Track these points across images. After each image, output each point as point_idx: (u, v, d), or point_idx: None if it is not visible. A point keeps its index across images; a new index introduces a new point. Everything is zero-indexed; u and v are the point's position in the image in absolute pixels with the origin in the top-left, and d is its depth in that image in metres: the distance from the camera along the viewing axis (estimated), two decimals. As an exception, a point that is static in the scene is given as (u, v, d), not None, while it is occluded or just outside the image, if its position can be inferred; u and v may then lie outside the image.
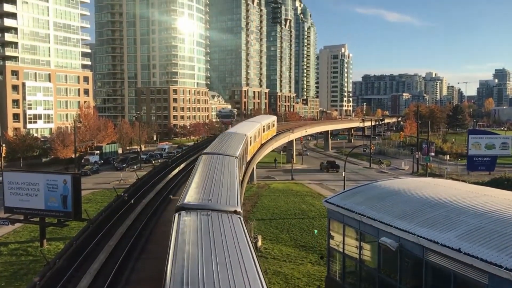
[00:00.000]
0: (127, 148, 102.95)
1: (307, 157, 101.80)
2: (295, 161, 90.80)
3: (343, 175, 55.38)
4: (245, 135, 39.58)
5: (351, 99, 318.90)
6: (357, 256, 21.21)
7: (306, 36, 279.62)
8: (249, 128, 44.87)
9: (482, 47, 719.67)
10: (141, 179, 39.20)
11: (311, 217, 46.26)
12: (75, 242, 21.64)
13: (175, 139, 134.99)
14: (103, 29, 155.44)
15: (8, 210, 33.90)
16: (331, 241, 23.83)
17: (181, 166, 49.45)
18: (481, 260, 13.69)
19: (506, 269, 12.88)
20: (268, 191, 60.76)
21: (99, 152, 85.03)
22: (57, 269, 18.25)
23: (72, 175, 33.89)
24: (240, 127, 46.49)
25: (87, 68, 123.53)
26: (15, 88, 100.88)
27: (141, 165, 79.44)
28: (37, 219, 34.21)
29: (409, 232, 17.00)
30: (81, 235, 22.88)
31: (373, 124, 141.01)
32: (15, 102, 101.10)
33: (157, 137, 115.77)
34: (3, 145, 76.01)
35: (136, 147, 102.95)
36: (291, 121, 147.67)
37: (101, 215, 26.94)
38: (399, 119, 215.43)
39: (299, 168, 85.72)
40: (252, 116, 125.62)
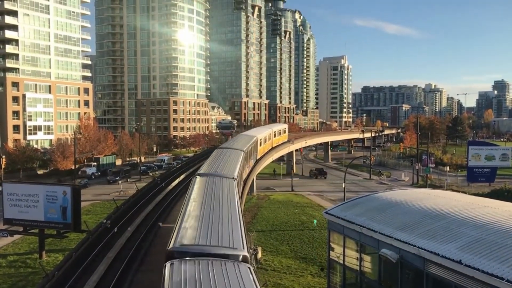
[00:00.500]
0: (127, 159, 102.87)
1: (306, 167, 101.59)
2: (295, 172, 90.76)
3: (343, 186, 55.33)
4: (256, 136, 48.58)
5: (350, 110, 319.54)
6: (357, 268, 21.12)
7: (305, 48, 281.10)
8: (262, 136, 54.67)
9: (481, 59, 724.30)
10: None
11: (311, 228, 46.09)
12: (74, 254, 21.56)
13: (175, 150, 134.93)
14: (103, 40, 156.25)
15: (7, 221, 33.80)
16: (331, 252, 23.73)
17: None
18: (482, 272, 13.64)
19: (508, 281, 12.83)
20: (268, 202, 60.62)
21: (96, 164, 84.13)
22: (56, 281, 18.17)
23: (72, 186, 33.85)
24: (253, 131, 55.07)
25: (87, 80, 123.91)
26: (15, 99, 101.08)
27: (141, 177, 79.17)
28: (36, 231, 34.07)
29: (409, 244, 16.95)
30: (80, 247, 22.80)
31: (373, 135, 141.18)
32: (15, 113, 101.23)
33: (157, 149, 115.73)
34: (3, 156, 76.01)
35: (135, 158, 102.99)
36: (291, 132, 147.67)
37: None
38: (399, 130, 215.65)
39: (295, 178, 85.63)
40: (252, 127, 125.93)
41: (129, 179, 75.70)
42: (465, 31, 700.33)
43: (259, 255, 34.11)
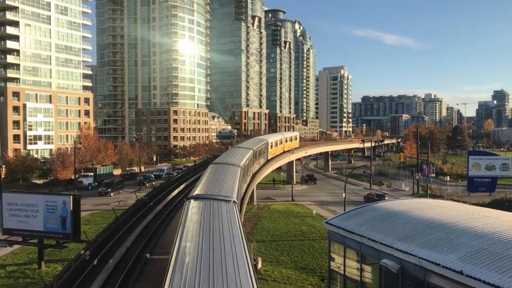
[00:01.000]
0: (127, 169, 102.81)
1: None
2: (295, 182, 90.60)
3: (344, 196, 55.24)
4: (268, 142, 56.55)
5: (350, 120, 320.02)
6: (358, 278, 21.00)
7: (305, 58, 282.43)
8: (273, 139, 66.65)
9: (480, 69, 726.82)
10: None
11: (311, 238, 45.92)
12: (73, 264, 21.47)
13: (175, 160, 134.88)
14: (104, 51, 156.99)
15: (7, 231, 33.68)
16: (331, 263, 23.61)
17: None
18: (484, 282, 13.57)
19: (509, 291, 12.76)
20: (268, 212, 60.43)
21: (92, 174, 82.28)
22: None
23: (72, 196, 33.77)
24: (267, 136, 66.38)
25: (88, 90, 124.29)
26: (16, 109, 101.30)
27: (140, 187, 78.95)
28: (35, 241, 33.95)
29: (410, 254, 16.88)
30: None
31: (373, 145, 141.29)
32: (16, 123, 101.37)
33: (157, 158, 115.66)
34: (3, 166, 75.97)
35: (134, 168, 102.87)
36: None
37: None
38: (399, 140, 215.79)
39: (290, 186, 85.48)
40: (252, 136, 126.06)
41: (121, 191, 72.57)
42: (463, 41, 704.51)
43: (259, 265, 34.02)
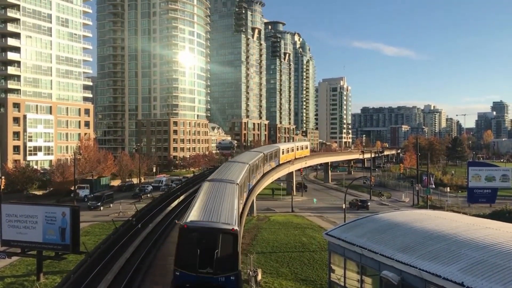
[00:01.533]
0: (127, 180, 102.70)
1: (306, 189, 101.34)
2: (295, 193, 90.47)
3: (344, 207, 55.14)
4: (278, 147, 73.77)
5: (350, 131, 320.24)
6: (358, 290, 20.87)
7: (305, 69, 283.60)
8: (284, 146, 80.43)
9: (479, 80, 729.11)
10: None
11: (311, 250, 45.72)
12: (72, 275, 21.35)
13: (175, 170, 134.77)
14: (105, 62, 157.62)
15: (5, 243, 33.50)
16: (332, 274, 23.50)
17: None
18: (485, 294, 13.49)
19: (510, 303, 12.69)
20: (268, 223, 60.25)
21: (89, 185, 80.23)
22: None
23: (71, 207, 33.67)
24: (279, 144, 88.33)
25: (88, 101, 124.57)
26: (16, 120, 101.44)
27: (140, 199, 78.68)
28: (34, 252, 33.76)
29: (410, 265, 16.81)
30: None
31: (372, 156, 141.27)
32: (16, 134, 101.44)
33: (156, 169, 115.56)
34: (2, 177, 75.82)
35: (133, 179, 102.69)
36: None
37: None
38: (399, 151, 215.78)
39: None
40: (252, 147, 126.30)
41: (111, 204, 70.40)
42: (463, 53, 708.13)
43: (259, 277, 33.78)
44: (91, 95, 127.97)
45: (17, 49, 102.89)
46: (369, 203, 75.80)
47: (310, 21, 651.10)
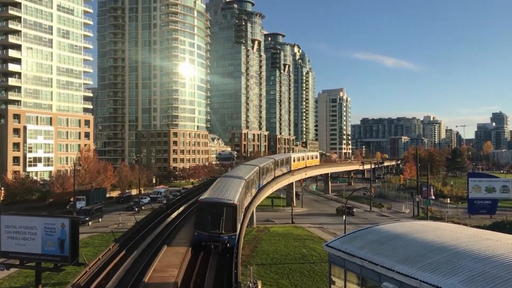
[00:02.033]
0: (126, 190, 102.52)
1: (306, 199, 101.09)
2: (295, 204, 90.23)
3: (344, 218, 54.97)
4: (290, 155, 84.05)
5: (350, 142, 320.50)
6: (359, 302, 20.74)
7: (304, 81, 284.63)
8: (296, 155, 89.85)
9: (478, 91, 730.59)
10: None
11: (312, 261, 45.50)
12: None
13: (175, 181, 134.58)
14: (105, 73, 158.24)
15: (4, 254, 33.28)
16: (332, 286, 23.36)
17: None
18: (486, 306, 13.41)
19: (512, 315, 12.60)
20: (268, 234, 60.01)
21: (85, 197, 78.48)
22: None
23: (71, 218, 33.53)
24: (291, 153, 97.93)
25: (88, 112, 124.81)
26: (16, 131, 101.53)
27: (140, 209, 78.44)
28: (33, 264, 33.55)
29: (411, 277, 16.73)
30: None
31: (372, 167, 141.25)
32: (16, 145, 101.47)
33: (156, 180, 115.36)
34: (2, 188, 75.64)
35: (132, 190, 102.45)
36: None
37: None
38: (399, 162, 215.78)
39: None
40: (252, 158, 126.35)
41: (100, 219, 68.28)
42: (461, 64, 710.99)
43: (258, 289, 33.56)
44: (91, 106, 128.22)
45: (18, 61, 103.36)
46: (354, 209, 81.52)
47: (309, 32, 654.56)
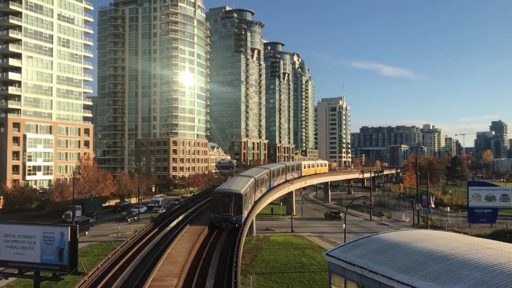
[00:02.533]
0: (126, 200, 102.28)
1: (306, 208, 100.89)
2: (295, 213, 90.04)
3: (344, 227, 54.80)
4: (301, 162, 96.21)
5: (349, 150, 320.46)
6: (359, 312, 20.61)
7: (304, 89, 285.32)
8: (306, 162, 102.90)
9: (477, 100, 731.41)
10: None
11: (311, 270, 45.30)
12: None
13: (174, 190, 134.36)
14: (105, 82, 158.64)
15: (3, 263, 33.15)
16: (332, 296, 23.23)
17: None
18: (487, 316, 13.33)
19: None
20: (268, 243, 59.77)
21: (81, 206, 76.67)
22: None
23: (70, 227, 33.42)
24: (302, 161, 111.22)
25: (88, 120, 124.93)
26: (15, 140, 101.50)
27: (139, 218, 78.21)
28: (31, 273, 33.39)
29: (411, 286, 16.65)
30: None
31: (372, 175, 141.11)
32: (15, 154, 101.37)
33: (156, 189, 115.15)
34: (1, 197, 75.60)
35: (131, 199, 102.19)
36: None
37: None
38: (398, 170, 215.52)
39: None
40: (251, 167, 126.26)
41: (87, 232, 65.97)
42: (460, 73, 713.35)
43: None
44: (91, 115, 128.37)
45: (18, 69, 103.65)
46: (341, 214, 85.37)
47: (309, 41, 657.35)
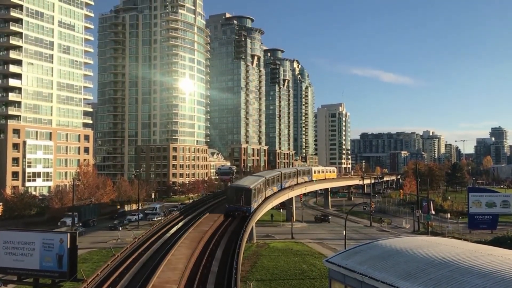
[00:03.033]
0: (125, 206, 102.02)
1: (307, 214, 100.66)
2: (295, 219, 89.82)
3: (344, 234, 54.65)
4: (311, 168, 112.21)
5: (349, 156, 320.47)
6: (360, 319, 20.50)
7: (304, 95, 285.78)
8: (316, 168, 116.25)
9: (477, 106, 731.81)
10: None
11: (312, 277, 45.14)
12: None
13: (174, 196, 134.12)
14: (105, 88, 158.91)
15: (2, 270, 33.07)
16: (333, 302, 23.12)
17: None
18: (489, 323, 13.26)
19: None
20: (268, 250, 59.60)
21: (77, 213, 74.29)
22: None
23: (70, 233, 33.37)
24: (312, 166, 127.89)
25: (88, 127, 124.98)
26: (15, 146, 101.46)
27: (139, 224, 77.94)
28: (30, 280, 33.29)
29: (413, 293, 16.57)
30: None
31: (372, 181, 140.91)
32: (15, 160, 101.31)
33: (155, 195, 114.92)
34: (1, 203, 75.43)
35: (131, 204, 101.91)
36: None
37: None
38: (398, 177, 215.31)
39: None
40: (251, 173, 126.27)
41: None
42: (460, 79, 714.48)
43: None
44: (91, 121, 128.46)
45: (18, 76, 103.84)
46: (329, 217, 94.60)
47: (308, 48, 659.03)
